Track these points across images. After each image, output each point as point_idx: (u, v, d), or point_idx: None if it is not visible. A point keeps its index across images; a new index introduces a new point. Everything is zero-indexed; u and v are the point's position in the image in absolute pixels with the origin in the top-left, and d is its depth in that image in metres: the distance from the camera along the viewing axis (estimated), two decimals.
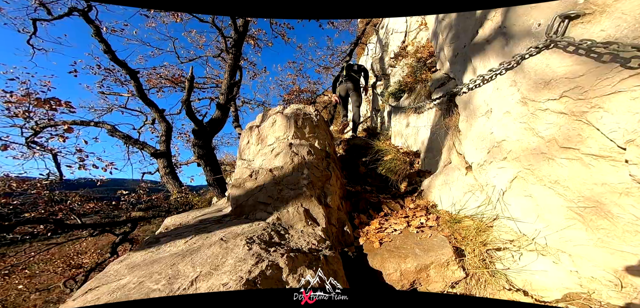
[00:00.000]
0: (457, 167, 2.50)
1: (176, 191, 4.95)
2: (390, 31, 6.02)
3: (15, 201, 4.49)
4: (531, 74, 1.53)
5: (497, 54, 1.83)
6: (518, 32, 1.64)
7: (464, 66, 2.31)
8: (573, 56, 1.31)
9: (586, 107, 1.27)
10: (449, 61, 2.65)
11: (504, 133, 1.77)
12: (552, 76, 1.41)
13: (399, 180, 3.24)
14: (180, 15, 5.09)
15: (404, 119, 3.83)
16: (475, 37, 2.13)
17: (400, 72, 4.31)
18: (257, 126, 2.91)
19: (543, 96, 1.46)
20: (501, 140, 1.81)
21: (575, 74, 1.30)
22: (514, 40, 1.67)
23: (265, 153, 2.77)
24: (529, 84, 1.54)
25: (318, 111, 3.12)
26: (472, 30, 2.20)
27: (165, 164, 5.20)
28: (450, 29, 2.66)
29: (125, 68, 5.11)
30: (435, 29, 3.13)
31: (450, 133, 2.54)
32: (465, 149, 2.29)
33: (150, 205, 4.95)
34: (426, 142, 3.13)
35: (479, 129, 2.05)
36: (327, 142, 3.03)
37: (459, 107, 2.36)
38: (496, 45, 1.85)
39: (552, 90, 1.41)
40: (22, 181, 4.19)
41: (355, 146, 4.64)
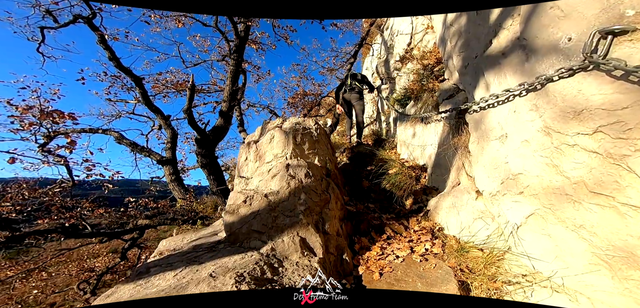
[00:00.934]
0: (466, 190, 2.27)
1: (181, 199, 4.89)
2: (395, 33, 5.70)
3: (29, 207, 4.55)
4: (558, 99, 1.28)
5: (515, 71, 1.58)
6: (542, 47, 1.38)
7: (476, 79, 2.05)
8: (616, 82, 1.05)
9: (628, 150, 1.02)
10: (458, 71, 2.39)
11: (521, 165, 1.53)
12: (585, 104, 1.16)
13: (403, 196, 3.02)
14: (181, 20, 4.96)
15: (410, 128, 3.58)
16: (489, 48, 1.87)
17: (405, 78, 4.04)
18: (255, 141, 2.75)
19: (572, 128, 1.22)
20: (518, 173, 1.57)
21: (617, 106, 1.05)
22: (537, 56, 1.42)
23: (262, 171, 2.61)
24: (555, 112, 1.30)
25: (318, 124, 2.92)
26: (484, 39, 1.94)
27: (171, 171, 5.15)
28: (460, 36, 2.39)
29: (130, 75, 5.04)
30: (443, 34, 2.85)
31: (459, 153, 2.30)
32: (475, 173, 2.05)
33: (157, 212, 4.94)
34: (433, 156, 2.89)
35: (492, 154, 1.81)
36: (328, 157, 2.84)
37: (469, 126, 2.11)
38: (514, 59, 1.60)
39: (584, 122, 1.16)
40: (34, 190, 4.20)
41: (359, 154, 4.43)
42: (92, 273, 5.34)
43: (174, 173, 5.14)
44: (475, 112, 1.94)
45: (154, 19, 4.76)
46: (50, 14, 5.07)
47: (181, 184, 5.16)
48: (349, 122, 5.14)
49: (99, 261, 5.70)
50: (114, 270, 5.30)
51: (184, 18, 5.18)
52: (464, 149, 2.24)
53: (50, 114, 3.84)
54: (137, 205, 4.96)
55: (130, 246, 5.11)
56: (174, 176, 5.11)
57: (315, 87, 7.66)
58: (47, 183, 4.54)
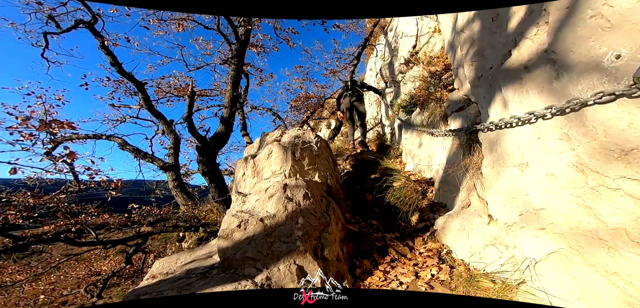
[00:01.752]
0: (478, 213, 2.05)
1: (183, 206, 4.79)
2: (400, 34, 5.41)
3: (35, 213, 4.51)
4: (598, 132, 1.05)
5: (541, 89, 1.35)
6: (578, 64, 1.14)
7: (491, 94, 1.82)
8: None
9: None
10: (470, 82, 2.15)
11: (545, 200, 1.31)
12: (636, 142, 0.93)
13: (409, 212, 2.81)
14: (183, 24, 4.79)
15: (415, 137, 3.35)
16: (508, 60, 1.63)
17: (411, 84, 3.79)
18: (253, 156, 2.57)
19: (615, 169, 1.00)
20: (540, 208, 1.35)
21: None
22: (570, 74, 1.18)
23: (260, 189, 2.44)
24: (593, 147, 1.07)
25: (319, 136, 2.72)
26: (501, 49, 1.70)
27: (174, 177, 5.04)
28: (472, 43, 2.14)
29: (132, 80, 4.93)
30: (452, 40, 2.60)
31: (471, 172, 2.07)
32: (489, 198, 1.83)
33: (160, 218, 4.86)
34: (441, 171, 2.67)
35: (509, 182, 1.59)
36: (329, 172, 2.65)
37: (482, 146, 1.88)
38: (539, 75, 1.36)
39: (634, 165, 0.94)
40: (39, 197, 4.15)
41: (363, 162, 4.22)
42: (99, 277, 5.32)
43: (177, 179, 5.04)
44: (490, 131, 1.71)
45: (152, 23, 4.60)
46: (53, 20, 4.97)
47: (184, 190, 5.06)
48: (352, 128, 4.94)
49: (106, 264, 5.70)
50: (120, 274, 5.27)
51: (185, 22, 5.01)
52: (475, 170, 2.02)
53: (48, 124, 3.75)
54: (141, 211, 4.88)
55: (135, 251, 5.05)
56: (177, 182, 5.01)
57: (319, 89, 7.44)
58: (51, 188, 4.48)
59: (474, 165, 2.00)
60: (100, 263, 5.68)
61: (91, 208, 5.01)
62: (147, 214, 4.97)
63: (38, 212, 4.54)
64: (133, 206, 4.88)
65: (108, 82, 5.55)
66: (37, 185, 4.22)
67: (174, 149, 5.15)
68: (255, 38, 5.90)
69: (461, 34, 2.32)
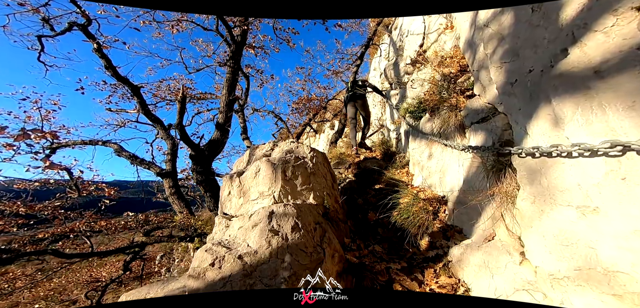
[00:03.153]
0: (506, 249, 1.59)
1: (179, 213, 4.47)
2: (405, 33, 4.91)
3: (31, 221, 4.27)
4: None
5: (629, 106, 0.88)
6: None
7: (531, 105, 1.35)
8: None
9: None
10: (498, 87, 1.67)
11: (628, 262, 0.86)
12: None
13: (418, 235, 2.37)
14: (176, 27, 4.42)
15: (425, 147, 2.89)
16: (563, 61, 1.16)
17: (419, 87, 3.31)
18: (239, 174, 2.17)
19: None
20: (615, 271, 0.90)
21: None
22: None
23: (245, 212, 2.04)
24: None
25: (315, 151, 2.30)
26: (549, 46, 1.23)
27: (170, 184, 4.72)
28: (501, 40, 1.66)
29: (127, 84, 4.60)
30: (471, 37, 2.11)
31: (498, 199, 1.61)
32: (526, 238, 1.38)
33: (156, 226, 4.56)
34: (456, 190, 2.21)
35: (560, 225, 1.13)
36: (327, 191, 2.23)
37: (517, 173, 1.42)
38: (625, 86, 0.89)
39: None
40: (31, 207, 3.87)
41: (366, 170, 3.78)
42: (99, 284, 5.07)
43: (174, 186, 4.71)
44: (535, 157, 1.25)
45: (148, 24, 4.24)
46: (47, 23, 4.68)
47: (181, 197, 4.73)
48: (354, 131, 4.50)
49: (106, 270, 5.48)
50: (119, 280, 5.03)
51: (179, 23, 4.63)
52: (505, 198, 1.55)
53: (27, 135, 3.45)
54: (137, 218, 4.59)
55: (132, 259, 4.77)
56: (174, 189, 4.68)
57: (321, 90, 6.99)
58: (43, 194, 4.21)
59: (502, 193, 1.54)
60: (101, 269, 5.46)
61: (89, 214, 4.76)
62: (143, 222, 4.69)
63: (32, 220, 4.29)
64: (128, 214, 4.59)
65: (105, 86, 5.24)
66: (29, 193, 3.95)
67: (172, 155, 4.82)
68: (255, 39, 5.50)
69: (484, 30, 1.84)
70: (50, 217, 4.36)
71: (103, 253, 3.90)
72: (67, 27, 4.50)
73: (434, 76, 2.80)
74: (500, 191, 1.53)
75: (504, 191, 1.53)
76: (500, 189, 1.50)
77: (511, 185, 1.51)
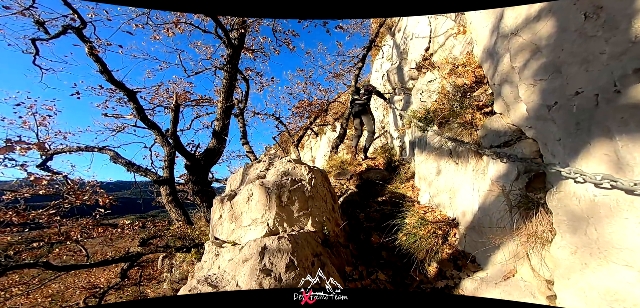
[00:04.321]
0: (529, 290, 1.35)
1: (177, 221, 4.25)
2: (410, 36, 4.60)
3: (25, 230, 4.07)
4: None
5: None
6: None
7: (578, 138, 1.07)
8: None
9: None
10: (530, 109, 1.39)
11: None
12: None
13: (425, 260, 2.12)
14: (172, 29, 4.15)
15: (433, 162, 2.62)
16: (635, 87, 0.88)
17: (428, 98, 3.02)
18: (230, 197, 1.92)
19: None
20: None
21: None
22: None
23: (238, 237, 1.80)
24: None
25: (314, 171, 2.04)
26: (614, 67, 0.95)
27: (168, 192, 4.49)
28: (536, 53, 1.37)
29: (123, 89, 4.36)
30: (492, 46, 1.83)
31: (523, 237, 1.35)
32: (560, 289, 1.13)
33: (154, 234, 4.35)
34: (470, 214, 1.95)
35: (612, 285, 0.88)
36: (327, 216, 1.97)
37: (554, 216, 1.15)
38: None
39: None
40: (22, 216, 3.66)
41: (368, 182, 3.52)
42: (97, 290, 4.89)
43: (171, 194, 4.48)
44: (595, 186, 0.98)
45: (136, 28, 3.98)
46: (42, 26, 4.43)
47: (179, 205, 4.51)
48: (356, 139, 4.24)
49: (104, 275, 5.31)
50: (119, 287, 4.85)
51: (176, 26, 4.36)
52: (533, 237, 1.29)
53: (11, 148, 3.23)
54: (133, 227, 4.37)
55: (129, 267, 4.58)
56: (171, 197, 4.46)
57: (322, 93, 6.70)
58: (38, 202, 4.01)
59: (530, 233, 1.28)
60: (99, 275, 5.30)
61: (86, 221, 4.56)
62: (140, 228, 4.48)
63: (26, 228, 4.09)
64: (125, 222, 4.37)
65: (101, 90, 5.01)
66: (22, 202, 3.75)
67: (169, 163, 4.59)
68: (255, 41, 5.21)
69: (511, 39, 1.56)
70: (45, 224, 4.15)
71: (96, 264, 3.70)
72: (61, 30, 4.25)
73: (443, 85, 2.51)
74: (528, 231, 1.27)
75: (532, 231, 1.27)
76: (528, 229, 1.24)
77: (543, 226, 1.25)
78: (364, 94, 3.89)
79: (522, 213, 1.31)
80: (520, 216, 1.35)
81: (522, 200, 1.32)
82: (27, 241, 3.81)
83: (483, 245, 1.87)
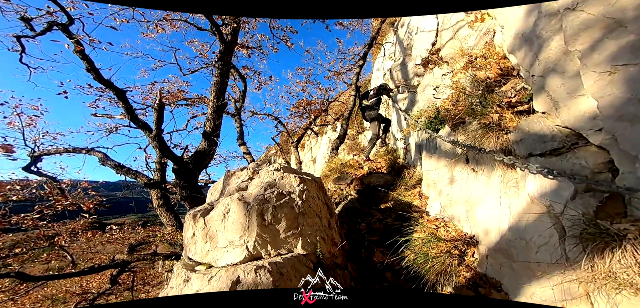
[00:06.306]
0: None
1: (169, 226, 3.89)
2: (414, 30, 4.19)
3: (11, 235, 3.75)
4: None
5: None
6: None
7: None
8: None
9: None
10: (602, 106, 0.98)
11: None
12: None
13: (438, 284, 1.73)
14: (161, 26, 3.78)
15: (444, 167, 2.22)
16: None
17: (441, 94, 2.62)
18: (203, 214, 1.54)
19: None
20: None
21: None
22: None
23: (214, 259, 1.43)
24: None
25: (306, 180, 1.64)
26: None
27: (158, 195, 4.14)
28: (613, 30, 0.98)
29: (111, 88, 4.00)
30: (530, 29, 1.43)
31: (589, 274, 0.95)
32: None
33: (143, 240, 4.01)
34: (495, 233, 1.55)
35: None
36: (322, 234, 1.58)
37: None
38: None
39: None
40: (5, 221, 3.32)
41: (370, 187, 3.13)
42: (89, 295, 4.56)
43: (162, 197, 4.13)
44: None
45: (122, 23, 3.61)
46: (27, 22, 4.09)
47: (170, 209, 4.15)
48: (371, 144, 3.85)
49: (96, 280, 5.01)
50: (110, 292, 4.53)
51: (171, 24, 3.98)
52: (601, 274, 0.89)
53: None
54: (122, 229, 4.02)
55: (120, 272, 4.23)
56: (162, 201, 4.10)
57: (322, 92, 6.30)
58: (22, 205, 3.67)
59: (605, 273, 0.88)
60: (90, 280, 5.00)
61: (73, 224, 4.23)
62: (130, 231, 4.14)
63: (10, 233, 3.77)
64: (113, 227, 4.03)
65: (90, 89, 4.65)
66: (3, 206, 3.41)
67: (160, 164, 4.22)
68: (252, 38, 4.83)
69: (567, 15, 1.15)
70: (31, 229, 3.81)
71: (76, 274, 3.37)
72: (46, 26, 3.90)
73: (457, 80, 2.11)
74: (594, 276, 0.87)
75: (607, 271, 0.86)
76: (599, 267, 0.84)
77: (624, 266, 0.84)
78: (372, 97, 3.57)
79: (590, 246, 0.91)
80: (583, 248, 0.95)
81: (588, 229, 0.92)
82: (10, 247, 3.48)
83: (513, 272, 1.47)
